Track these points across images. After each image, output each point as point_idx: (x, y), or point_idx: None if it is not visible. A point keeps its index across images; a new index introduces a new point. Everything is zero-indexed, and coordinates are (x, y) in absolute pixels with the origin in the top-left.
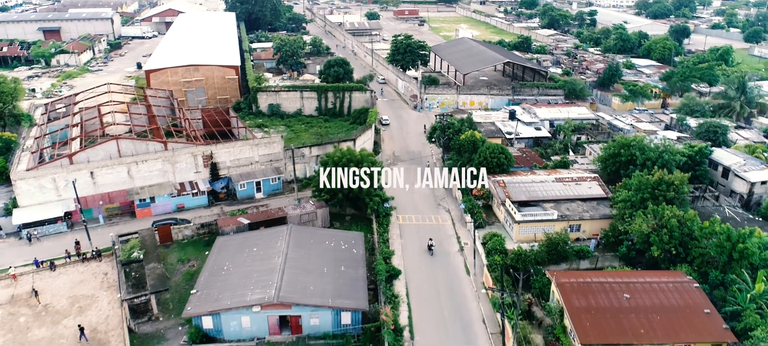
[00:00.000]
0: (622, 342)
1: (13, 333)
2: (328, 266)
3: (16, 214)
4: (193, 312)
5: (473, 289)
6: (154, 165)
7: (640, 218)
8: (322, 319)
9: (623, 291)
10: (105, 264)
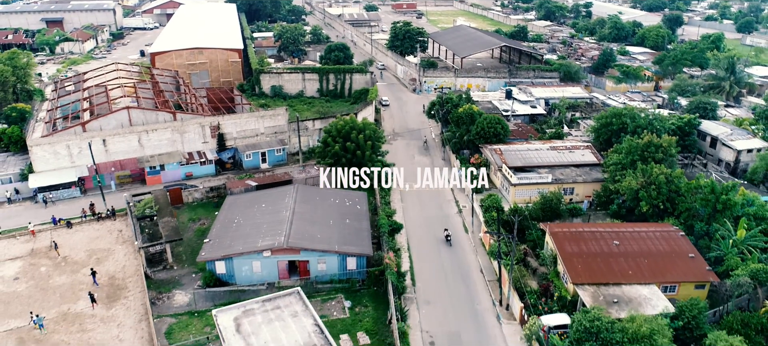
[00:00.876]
0: (611, 281)
1: (35, 280)
2: (333, 219)
3: (32, 179)
4: (206, 257)
5: (471, 245)
6: (163, 134)
7: (630, 176)
8: (329, 264)
9: (613, 239)
10: (119, 222)
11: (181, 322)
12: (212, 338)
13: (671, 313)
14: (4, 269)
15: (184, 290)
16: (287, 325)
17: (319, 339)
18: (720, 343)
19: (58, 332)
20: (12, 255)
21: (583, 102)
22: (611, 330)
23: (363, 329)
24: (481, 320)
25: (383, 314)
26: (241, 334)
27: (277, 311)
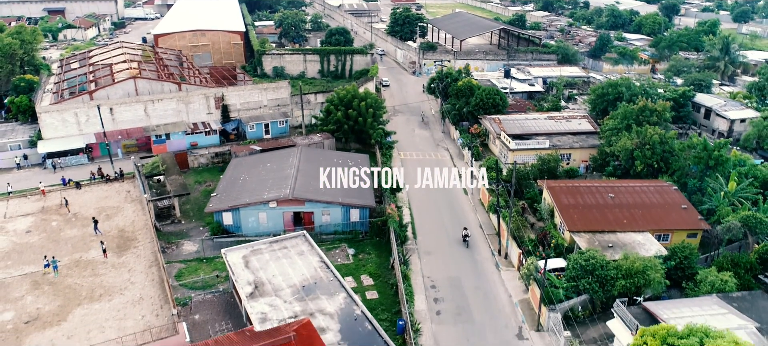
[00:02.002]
0: (606, 229)
1: (47, 233)
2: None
3: (41, 145)
4: (213, 208)
5: (471, 205)
6: (168, 104)
7: (625, 137)
8: (333, 215)
9: (608, 192)
10: (127, 184)
11: (190, 267)
12: (222, 279)
13: (664, 255)
14: (17, 223)
15: (192, 241)
16: (294, 261)
17: (324, 273)
18: (710, 277)
19: (71, 276)
20: (24, 212)
21: (580, 80)
22: (606, 268)
23: (366, 272)
24: (481, 267)
25: (386, 260)
26: (249, 269)
27: (283, 250)
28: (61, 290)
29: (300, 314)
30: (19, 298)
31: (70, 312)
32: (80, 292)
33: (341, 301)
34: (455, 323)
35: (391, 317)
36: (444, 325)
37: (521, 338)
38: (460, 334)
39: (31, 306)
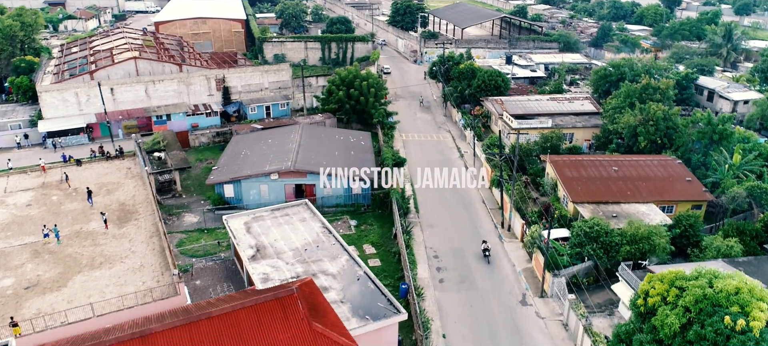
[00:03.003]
0: (610, 200)
1: (48, 206)
2: (338, 151)
3: (41, 124)
4: (215, 180)
5: (473, 183)
6: (169, 86)
7: (628, 113)
8: (335, 188)
9: (612, 165)
10: (128, 161)
11: (191, 237)
12: (223, 247)
13: (669, 224)
14: (17, 197)
15: (193, 213)
16: (296, 227)
17: (326, 238)
18: (716, 243)
19: (71, 246)
20: (24, 187)
21: (582, 66)
22: (610, 234)
23: (369, 242)
24: (483, 238)
25: (388, 231)
26: (251, 234)
27: (285, 217)
28: (61, 258)
29: (302, 274)
30: (18, 266)
31: (71, 279)
32: (80, 260)
33: (344, 263)
34: (458, 290)
35: (393, 283)
36: (447, 292)
37: (525, 304)
38: (464, 300)
39: (31, 273)
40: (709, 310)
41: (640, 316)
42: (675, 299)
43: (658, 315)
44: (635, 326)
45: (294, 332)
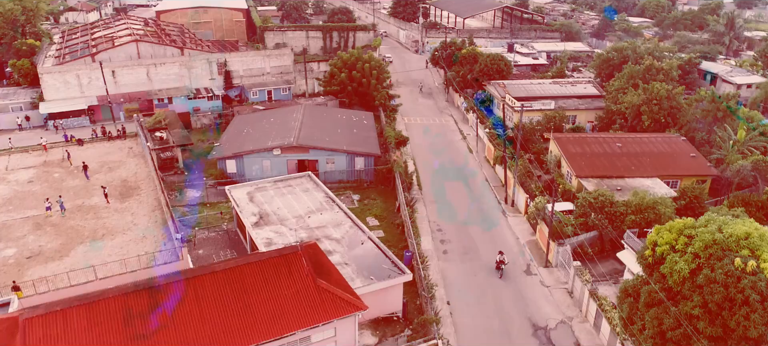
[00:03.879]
0: (614, 175)
1: (49, 183)
2: (341, 129)
3: (43, 106)
4: (217, 156)
5: (477, 162)
6: (171, 69)
7: (632, 93)
8: (338, 163)
9: (616, 142)
10: (129, 142)
11: (193, 210)
12: (225, 218)
13: (674, 195)
14: (18, 175)
15: (195, 189)
16: (298, 197)
17: (329, 206)
18: (721, 213)
19: (73, 219)
20: (25, 165)
21: (584, 54)
22: (616, 205)
23: (372, 214)
24: (487, 214)
25: (391, 205)
26: (254, 202)
27: (288, 187)
28: (63, 230)
29: (306, 239)
30: (20, 237)
31: (73, 249)
32: (83, 232)
33: (347, 229)
34: (462, 260)
35: (397, 252)
36: (450, 262)
37: (529, 274)
38: (467, 270)
39: (33, 244)
40: (719, 254)
41: (648, 267)
42: (684, 246)
43: (667, 263)
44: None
45: (298, 287)
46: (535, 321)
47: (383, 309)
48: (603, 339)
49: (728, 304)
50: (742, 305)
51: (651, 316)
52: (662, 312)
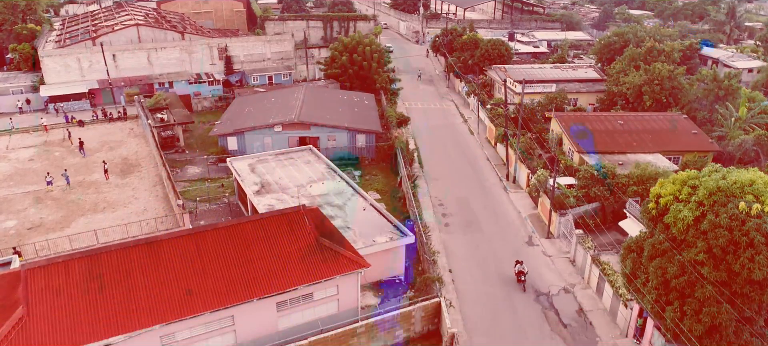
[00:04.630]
0: (615, 151)
1: (50, 161)
2: (342, 107)
3: (43, 89)
4: (218, 133)
5: (477, 143)
6: (171, 53)
7: (633, 74)
8: (339, 139)
9: (617, 120)
10: (130, 123)
11: (194, 184)
12: (227, 191)
13: (676, 168)
14: (19, 153)
15: (196, 166)
16: (300, 168)
17: (331, 176)
18: None
19: (75, 193)
20: (26, 145)
21: (585, 42)
22: (618, 177)
23: (374, 189)
24: (488, 190)
25: (392, 180)
26: (255, 173)
27: (290, 159)
28: (63, 204)
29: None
30: (21, 210)
31: (73, 221)
32: (83, 206)
33: (349, 196)
34: (464, 233)
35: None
36: (452, 234)
37: (531, 245)
38: (469, 242)
39: (34, 216)
40: (723, 200)
41: (652, 220)
42: (687, 196)
43: (671, 213)
44: (647, 232)
45: (300, 244)
46: (537, 287)
47: (386, 272)
48: (605, 304)
49: (733, 248)
50: (747, 247)
51: (655, 266)
52: (666, 262)
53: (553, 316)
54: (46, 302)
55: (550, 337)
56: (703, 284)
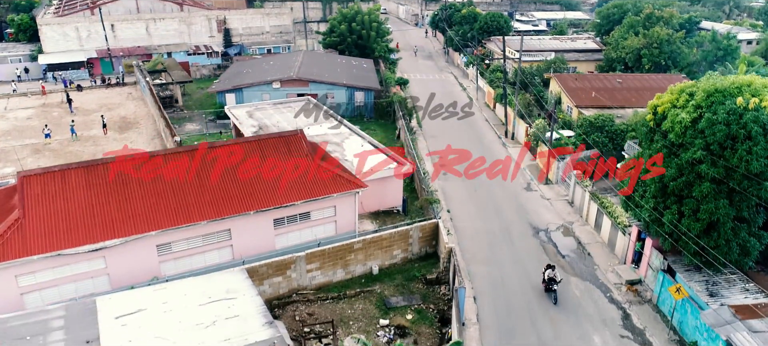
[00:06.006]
0: (614, 105)
1: (48, 119)
2: (340, 69)
3: (42, 58)
4: (216, 89)
5: (476, 106)
6: (170, 24)
7: (632, 37)
8: (337, 96)
9: (616, 79)
10: (129, 88)
11: (192, 137)
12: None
13: None
14: (18, 113)
15: (194, 123)
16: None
17: (328, 120)
18: None
19: (73, 145)
20: (25, 106)
21: (585, 21)
22: (616, 124)
23: None
24: (487, 146)
25: (391, 134)
26: (253, 118)
27: (288, 107)
28: (62, 155)
29: None
30: (19, 159)
31: None
32: (82, 156)
33: (347, 134)
34: (462, 180)
35: None
36: (450, 181)
37: (529, 190)
38: (467, 187)
39: (32, 165)
40: (721, 100)
41: (650, 132)
42: (685, 102)
43: (668, 118)
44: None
45: (298, 164)
46: (535, 225)
47: (384, 203)
48: (603, 237)
49: (730, 142)
50: (745, 140)
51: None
52: (664, 167)
53: (552, 248)
54: (42, 205)
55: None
56: (701, 182)
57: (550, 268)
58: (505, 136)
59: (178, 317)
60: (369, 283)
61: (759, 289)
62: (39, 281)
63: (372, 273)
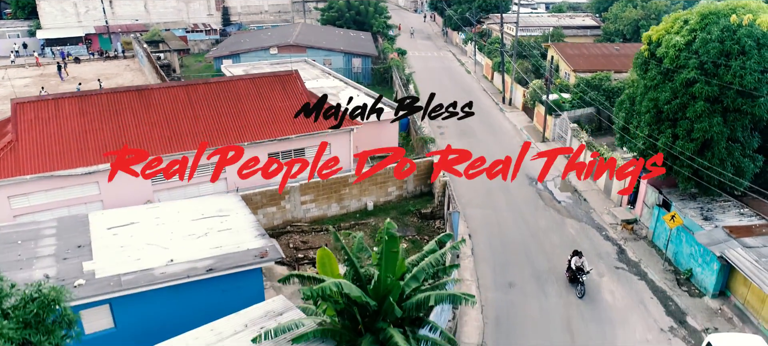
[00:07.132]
0: (611, 69)
1: (45, 87)
2: (338, 38)
3: (40, 33)
4: (214, 55)
5: (474, 78)
6: (169, 2)
7: (630, 9)
8: (335, 62)
9: (614, 47)
10: (127, 61)
11: None
12: None
13: None
14: (15, 82)
15: None
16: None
17: (325, 76)
18: None
19: None
20: (21, 76)
21: (585, 5)
22: (613, 83)
23: None
24: (484, 111)
25: (389, 96)
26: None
27: (285, 65)
28: None
29: None
30: None
31: None
32: None
33: (343, 86)
34: (459, 138)
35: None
36: (448, 139)
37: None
38: (464, 145)
39: None
40: (715, 20)
41: (645, 63)
42: (680, 28)
43: (663, 44)
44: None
45: (292, 101)
46: (531, 175)
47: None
48: (599, 185)
49: (724, 60)
50: (739, 55)
51: (647, 100)
52: (658, 93)
53: (548, 195)
54: (35, 129)
55: (544, 209)
56: (695, 102)
57: (577, 255)
58: (503, 103)
59: (170, 229)
60: (364, 217)
61: (754, 212)
62: (32, 204)
63: (367, 209)
